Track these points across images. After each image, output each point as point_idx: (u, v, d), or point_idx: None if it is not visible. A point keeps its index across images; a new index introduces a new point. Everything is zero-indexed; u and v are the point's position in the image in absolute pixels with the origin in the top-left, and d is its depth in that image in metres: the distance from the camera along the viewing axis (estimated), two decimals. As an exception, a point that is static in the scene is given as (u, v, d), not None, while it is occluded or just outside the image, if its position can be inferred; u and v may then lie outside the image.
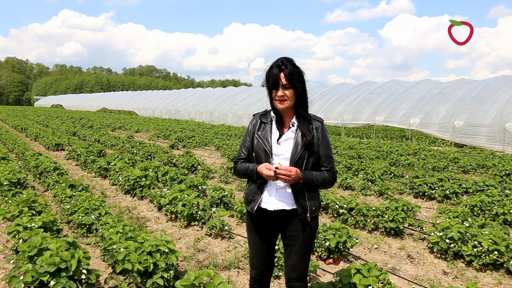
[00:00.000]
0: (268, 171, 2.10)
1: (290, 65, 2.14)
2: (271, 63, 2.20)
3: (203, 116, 30.50)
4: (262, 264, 2.40)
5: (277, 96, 2.16)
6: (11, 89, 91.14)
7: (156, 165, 7.82)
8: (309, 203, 2.20)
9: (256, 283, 2.45)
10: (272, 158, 2.20)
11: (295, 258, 2.28)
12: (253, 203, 2.26)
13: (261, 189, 2.24)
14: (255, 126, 2.31)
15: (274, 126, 2.26)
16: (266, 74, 2.19)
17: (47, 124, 22.53)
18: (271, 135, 2.24)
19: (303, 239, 2.25)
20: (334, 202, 5.41)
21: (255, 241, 2.36)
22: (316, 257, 4.07)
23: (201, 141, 14.52)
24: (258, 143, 2.25)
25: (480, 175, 9.23)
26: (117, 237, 3.60)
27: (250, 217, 2.35)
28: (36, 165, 7.89)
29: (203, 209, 5.15)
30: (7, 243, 4.41)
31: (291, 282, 2.33)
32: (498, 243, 3.84)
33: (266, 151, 2.21)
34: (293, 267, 2.30)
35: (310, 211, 2.21)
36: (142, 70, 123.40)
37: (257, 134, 2.27)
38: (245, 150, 2.33)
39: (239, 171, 2.30)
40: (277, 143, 2.22)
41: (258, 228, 2.33)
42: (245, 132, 2.36)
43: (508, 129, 13.90)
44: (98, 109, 51.62)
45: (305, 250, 2.28)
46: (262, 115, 2.34)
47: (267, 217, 2.28)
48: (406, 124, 17.79)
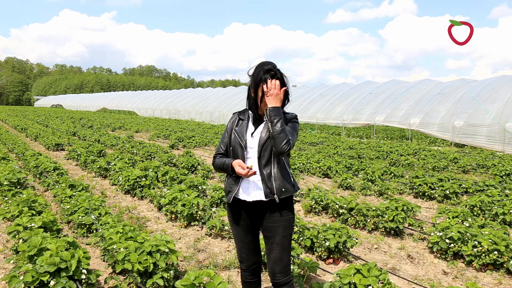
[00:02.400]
0: (240, 169, 2.24)
1: (279, 73, 2.28)
2: (257, 66, 2.31)
3: (203, 116, 30.50)
4: (251, 255, 2.50)
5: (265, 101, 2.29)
6: (11, 89, 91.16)
7: (156, 165, 7.82)
8: (276, 183, 2.28)
9: (247, 273, 2.54)
10: (246, 151, 2.34)
11: (277, 249, 2.34)
12: (230, 194, 2.39)
13: (237, 181, 2.37)
14: (233, 123, 2.46)
15: (250, 122, 2.41)
16: (256, 77, 2.29)
17: (47, 124, 22.53)
18: (247, 130, 2.38)
19: (283, 229, 2.32)
20: (334, 202, 5.41)
21: (239, 233, 2.47)
22: (316, 257, 4.07)
23: (201, 141, 14.52)
24: (235, 137, 2.39)
25: (480, 175, 9.23)
26: (117, 237, 3.60)
27: (229, 208, 2.47)
28: (36, 165, 7.90)
29: (203, 209, 5.15)
30: (7, 243, 4.41)
31: (276, 276, 2.36)
32: (498, 243, 3.84)
33: (241, 144, 2.35)
34: (276, 260, 2.34)
35: (278, 191, 2.27)
36: (142, 70, 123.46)
37: (234, 130, 2.42)
38: (223, 146, 2.47)
39: (216, 165, 2.45)
40: (251, 136, 2.35)
41: (237, 220, 2.44)
42: (225, 129, 2.50)
43: (508, 129, 13.89)
44: (98, 109, 51.62)
45: (286, 240, 2.35)
46: (240, 113, 2.49)
47: (246, 209, 2.39)
48: (406, 124, 17.78)
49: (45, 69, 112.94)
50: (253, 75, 2.31)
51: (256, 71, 2.30)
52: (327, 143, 14.74)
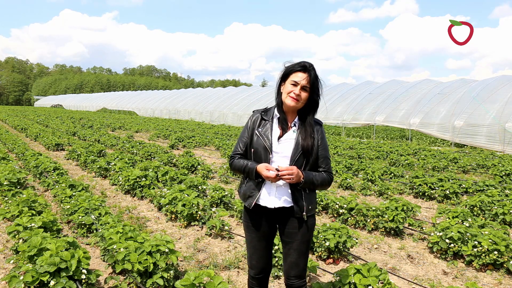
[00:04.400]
0: (268, 172, 2.09)
1: (314, 71, 2.17)
2: (293, 61, 2.20)
3: (203, 116, 30.50)
4: (261, 262, 2.40)
5: (293, 93, 2.14)
6: (11, 89, 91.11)
7: (156, 165, 7.82)
8: (306, 202, 2.22)
9: (255, 282, 2.45)
10: (271, 155, 2.19)
11: (294, 255, 2.29)
12: (251, 199, 2.25)
13: (259, 187, 2.23)
14: (255, 122, 2.29)
15: (275, 124, 2.26)
16: (287, 69, 2.19)
17: (47, 124, 22.52)
18: (272, 133, 2.23)
19: (302, 236, 2.26)
20: (334, 202, 5.41)
21: (252, 239, 2.36)
22: (316, 257, 4.07)
23: (201, 141, 14.52)
24: (258, 139, 2.23)
25: (480, 175, 9.23)
26: (117, 237, 3.60)
27: (247, 214, 2.35)
28: (36, 165, 7.90)
29: (203, 209, 5.15)
30: (7, 243, 4.41)
31: (291, 279, 2.33)
32: (498, 243, 3.84)
33: (266, 148, 2.19)
34: (292, 265, 2.31)
35: (306, 210, 2.22)
36: (142, 70, 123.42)
37: (257, 131, 2.25)
38: (243, 146, 2.30)
39: (236, 167, 2.28)
40: (277, 141, 2.21)
41: (255, 226, 2.33)
42: (244, 127, 2.34)
43: (508, 129, 13.89)
44: (98, 109, 51.62)
45: (304, 247, 2.29)
46: (263, 112, 2.31)
47: (265, 215, 2.29)
48: (406, 124, 17.78)
49: (45, 69, 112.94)
50: (286, 66, 2.20)
51: (291, 64, 2.19)
52: (327, 143, 14.72)
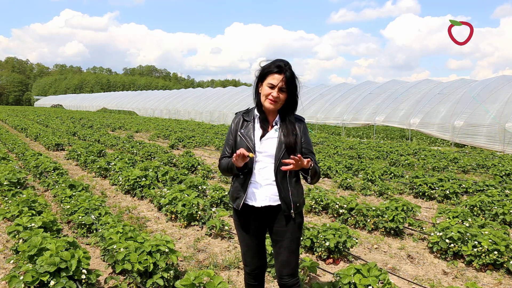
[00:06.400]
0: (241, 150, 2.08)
1: (290, 70, 2.16)
2: (268, 61, 2.21)
3: (203, 116, 30.50)
4: (255, 259, 2.45)
5: (271, 96, 2.17)
6: (11, 89, 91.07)
7: (156, 165, 7.82)
8: (293, 199, 2.24)
9: (251, 277, 2.50)
10: (255, 155, 2.23)
11: (285, 253, 2.31)
12: (238, 200, 2.30)
13: (245, 187, 2.27)
14: (237, 124, 2.33)
15: (257, 125, 2.29)
16: (263, 69, 2.20)
17: (47, 124, 22.52)
18: (254, 133, 2.27)
19: (291, 233, 2.29)
20: (334, 202, 5.41)
21: (244, 238, 2.40)
22: (316, 257, 4.07)
23: (201, 141, 14.52)
24: (241, 140, 2.26)
25: (480, 175, 9.23)
26: (117, 237, 3.60)
27: (236, 214, 2.39)
28: (36, 165, 7.89)
29: (203, 209, 5.15)
30: (7, 243, 4.41)
31: (283, 279, 2.34)
32: (498, 243, 3.84)
33: (250, 148, 2.23)
34: (284, 263, 2.32)
35: (294, 207, 2.25)
36: (142, 70, 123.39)
37: (240, 132, 2.29)
38: (229, 148, 2.35)
39: (222, 167, 2.33)
40: (259, 141, 2.24)
41: (245, 225, 2.37)
42: (228, 131, 2.38)
43: (508, 129, 13.89)
44: (98, 109, 51.61)
45: (294, 245, 2.31)
46: (244, 113, 2.35)
47: (254, 214, 2.32)
48: (406, 124, 17.78)
49: (45, 69, 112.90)
50: (262, 67, 2.21)
51: (267, 64, 2.21)
52: (327, 143, 14.74)
